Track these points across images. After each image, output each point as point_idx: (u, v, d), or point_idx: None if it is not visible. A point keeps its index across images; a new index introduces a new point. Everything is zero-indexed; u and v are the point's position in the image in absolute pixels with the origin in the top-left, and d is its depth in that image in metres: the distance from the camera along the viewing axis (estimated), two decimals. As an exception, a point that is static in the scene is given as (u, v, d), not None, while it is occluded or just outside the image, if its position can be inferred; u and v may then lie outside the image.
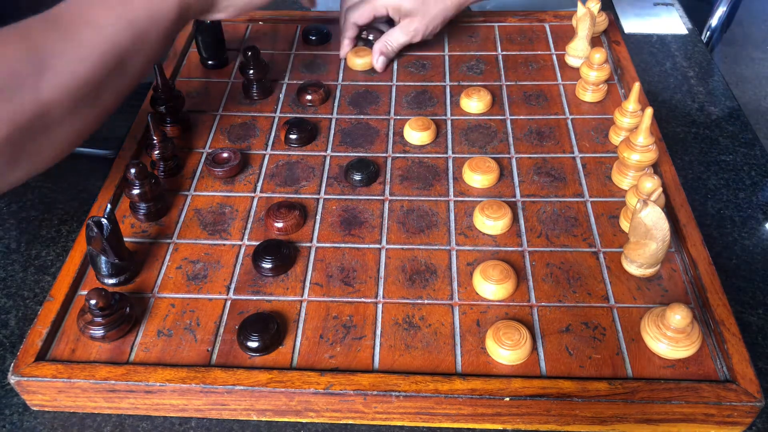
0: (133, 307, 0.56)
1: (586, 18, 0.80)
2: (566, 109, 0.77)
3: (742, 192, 0.72)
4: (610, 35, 0.87)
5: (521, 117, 0.77)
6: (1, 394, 0.56)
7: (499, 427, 0.53)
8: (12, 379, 0.52)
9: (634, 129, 0.66)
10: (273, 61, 0.86)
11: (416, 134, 0.73)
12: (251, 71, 0.78)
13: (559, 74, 0.82)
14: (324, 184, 0.69)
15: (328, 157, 0.72)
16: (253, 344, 0.53)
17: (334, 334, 0.55)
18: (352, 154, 0.72)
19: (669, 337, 0.52)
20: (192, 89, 0.82)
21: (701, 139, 0.79)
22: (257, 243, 0.62)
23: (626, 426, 0.52)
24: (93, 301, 0.52)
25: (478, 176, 0.67)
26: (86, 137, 0.55)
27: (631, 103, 0.70)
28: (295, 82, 0.83)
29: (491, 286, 0.57)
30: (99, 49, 0.51)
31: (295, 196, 0.68)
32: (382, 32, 0.84)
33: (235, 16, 0.68)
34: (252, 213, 0.66)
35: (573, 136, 0.74)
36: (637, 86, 0.69)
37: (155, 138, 0.67)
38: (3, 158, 0.48)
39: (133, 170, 0.62)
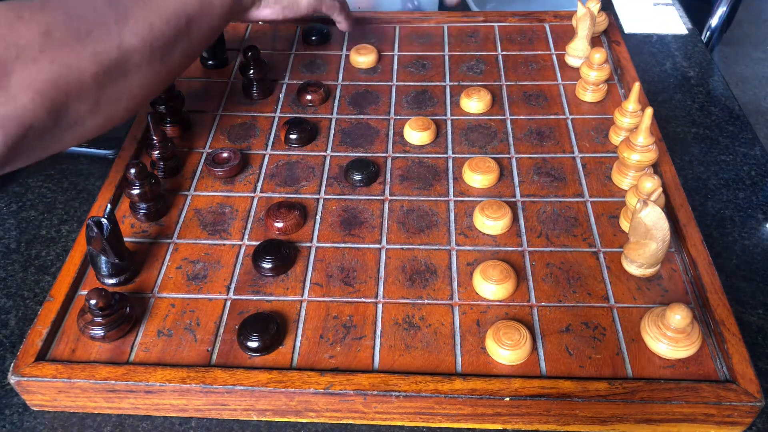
0: (133, 307, 0.56)
1: (586, 18, 0.80)
2: (566, 109, 0.77)
3: (742, 192, 0.72)
4: (610, 35, 0.87)
5: (521, 117, 0.77)
6: (1, 394, 0.56)
7: (499, 427, 0.53)
8: (12, 379, 0.52)
9: (634, 129, 0.66)
10: (273, 61, 0.86)
11: (416, 134, 0.73)
12: (251, 71, 0.78)
13: (559, 74, 0.82)
14: (324, 184, 0.69)
15: (328, 157, 0.72)
16: (253, 344, 0.53)
17: (334, 334, 0.55)
18: (352, 154, 0.72)
19: (669, 337, 0.52)
20: (192, 89, 0.82)
21: (701, 139, 0.79)
22: (257, 243, 0.62)
23: (626, 426, 0.52)
24: (93, 301, 0.52)
25: (478, 176, 0.67)
26: (156, 95, 0.60)
27: (631, 103, 0.70)
28: (295, 82, 0.83)
29: (491, 286, 0.57)
30: (172, 7, 0.56)
31: (295, 196, 0.68)
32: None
33: (279, 17, 0.71)
34: (252, 213, 0.66)
35: (573, 136, 0.74)
36: (637, 86, 0.69)
37: (155, 138, 0.67)
38: (88, 100, 0.50)
39: (133, 170, 0.62)
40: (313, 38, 0.89)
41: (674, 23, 0.98)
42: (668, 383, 0.51)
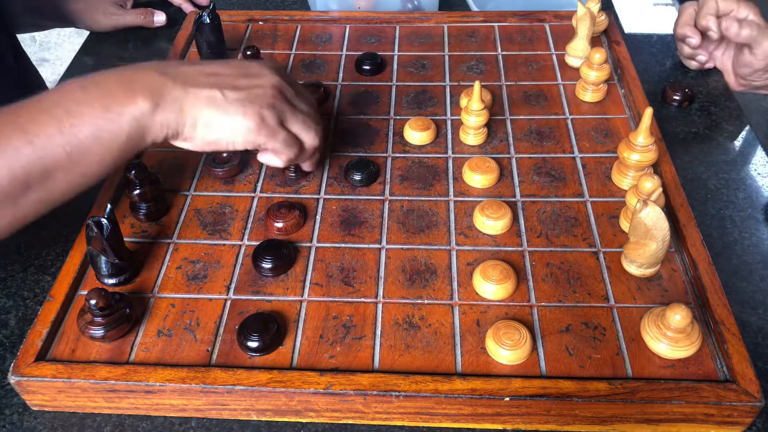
0: (133, 307, 0.56)
1: (586, 18, 0.80)
2: (566, 109, 0.77)
3: (742, 192, 0.72)
4: (610, 35, 0.87)
5: (521, 117, 0.77)
6: (1, 394, 0.56)
7: (499, 427, 0.53)
8: (12, 379, 0.52)
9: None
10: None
11: (416, 134, 0.73)
12: (251, 71, 0.78)
13: (559, 74, 0.82)
14: (324, 184, 0.69)
15: (328, 157, 0.72)
16: (253, 344, 0.53)
17: (334, 334, 0.55)
18: (352, 154, 0.72)
19: (669, 337, 0.52)
20: (192, 89, 0.81)
21: (701, 139, 0.79)
22: (257, 243, 0.62)
23: (626, 426, 0.52)
24: (93, 301, 0.52)
25: (478, 176, 0.67)
26: (3, 236, 0.55)
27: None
28: (295, 82, 0.83)
29: (491, 286, 0.57)
30: (26, 159, 0.51)
31: (295, 196, 0.68)
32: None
33: (202, 149, 0.59)
34: (252, 213, 0.66)
35: (573, 136, 0.74)
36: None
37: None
38: None
39: (133, 171, 0.63)
40: (366, 68, 0.84)
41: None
42: (668, 383, 0.51)
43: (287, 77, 0.62)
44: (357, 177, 0.68)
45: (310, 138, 0.62)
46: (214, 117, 0.56)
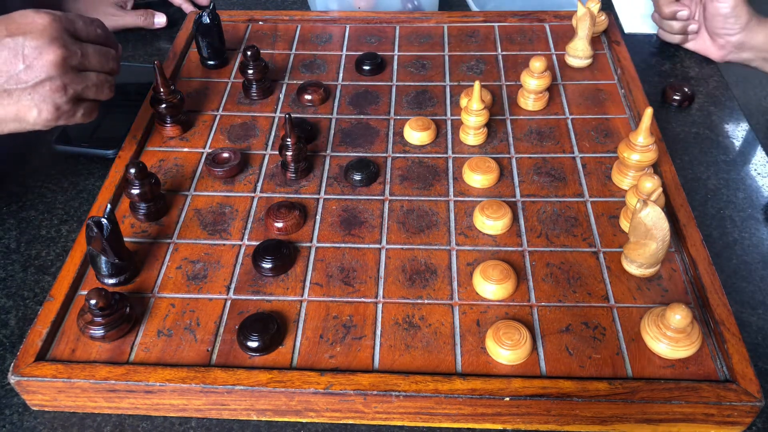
0: (133, 307, 0.56)
1: (586, 18, 0.80)
2: (566, 109, 0.77)
3: (742, 192, 0.72)
4: (610, 35, 0.87)
5: (521, 117, 0.77)
6: (1, 394, 0.56)
7: (499, 427, 0.53)
8: (12, 379, 0.52)
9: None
10: (273, 61, 0.86)
11: (416, 134, 0.73)
12: (251, 71, 0.78)
13: (559, 74, 0.82)
14: (324, 184, 0.69)
15: (328, 157, 0.72)
16: (253, 344, 0.53)
17: (334, 334, 0.55)
18: (352, 154, 0.72)
19: (669, 337, 0.52)
20: (192, 89, 0.82)
21: (701, 139, 0.79)
22: (257, 243, 0.62)
23: (626, 426, 0.52)
24: (93, 301, 0.52)
25: (478, 176, 0.67)
26: None
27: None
28: (295, 82, 0.83)
29: (491, 286, 0.57)
30: None
31: (295, 196, 0.68)
32: None
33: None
34: (252, 213, 0.66)
35: (573, 136, 0.74)
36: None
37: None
38: None
39: (133, 170, 0.62)
40: (366, 68, 0.84)
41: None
42: (668, 383, 0.51)
43: (67, 33, 0.59)
44: (357, 177, 0.68)
45: (104, 95, 0.63)
46: (7, 112, 0.57)
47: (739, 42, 0.86)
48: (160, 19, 0.99)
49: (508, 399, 0.50)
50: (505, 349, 0.52)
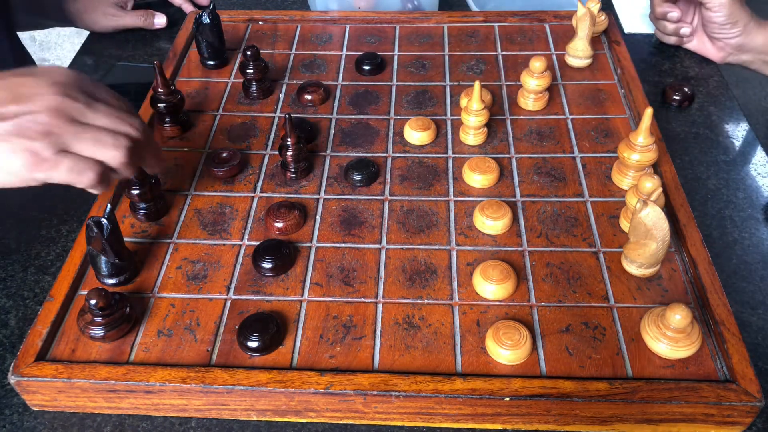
0: (133, 307, 0.56)
1: (586, 18, 0.80)
2: (566, 109, 0.77)
3: (741, 192, 0.72)
4: (610, 35, 0.87)
5: (521, 117, 0.77)
6: (1, 394, 0.56)
7: (499, 427, 0.53)
8: (12, 379, 0.52)
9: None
10: (273, 61, 0.86)
11: (416, 134, 0.73)
12: (251, 71, 0.78)
13: (559, 74, 0.82)
14: (324, 184, 0.69)
15: (328, 157, 0.72)
16: (253, 344, 0.53)
17: (334, 334, 0.55)
18: (352, 154, 0.72)
19: (669, 337, 0.52)
20: (192, 89, 0.82)
21: (701, 139, 0.79)
22: (257, 243, 0.62)
23: (626, 426, 0.52)
24: (93, 301, 0.52)
25: (478, 176, 0.67)
26: None
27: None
28: (295, 82, 0.83)
29: (491, 286, 0.57)
30: None
31: (295, 196, 0.68)
32: None
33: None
34: (252, 213, 0.66)
35: (573, 136, 0.74)
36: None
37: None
38: None
39: (133, 170, 0.62)
40: (366, 68, 0.83)
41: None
42: (668, 383, 0.51)
43: (74, 88, 0.51)
44: (357, 177, 0.68)
45: (108, 155, 0.51)
46: None
47: (738, 44, 0.86)
48: (160, 20, 0.99)
49: (508, 399, 0.50)
50: (505, 349, 0.52)
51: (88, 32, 1.02)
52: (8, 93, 0.49)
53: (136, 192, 0.63)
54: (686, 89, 0.83)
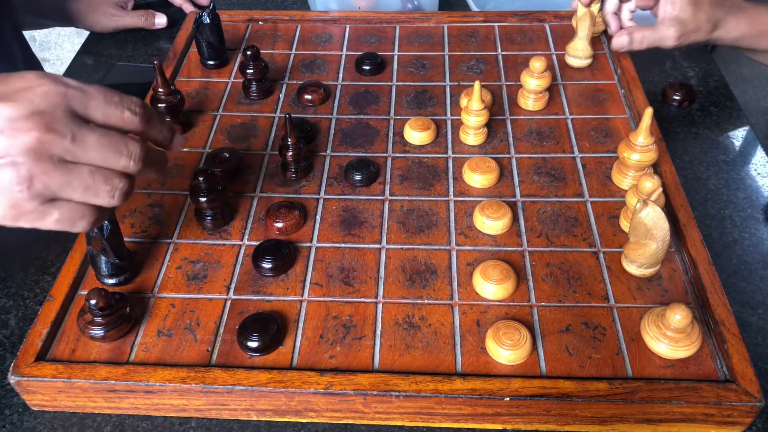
0: (133, 307, 0.56)
1: (586, 18, 0.80)
2: (566, 109, 0.77)
3: (742, 192, 0.72)
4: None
5: (521, 117, 0.77)
6: (1, 394, 0.56)
7: (499, 427, 0.53)
8: (12, 379, 0.52)
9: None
10: (273, 61, 0.86)
11: (416, 134, 0.73)
12: (251, 71, 0.78)
13: (559, 74, 0.82)
14: (324, 184, 0.69)
15: (328, 157, 0.72)
16: (253, 344, 0.53)
17: (334, 334, 0.55)
18: (352, 154, 0.72)
19: (669, 337, 0.52)
20: (192, 89, 0.82)
21: (701, 139, 0.79)
22: (257, 243, 0.62)
23: (626, 426, 0.52)
24: (93, 301, 0.52)
25: (478, 176, 0.67)
26: None
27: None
28: (295, 82, 0.83)
29: (491, 286, 0.57)
30: None
31: (295, 196, 0.68)
32: None
33: None
34: (252, 213, 0.66)
35: (573, 136, 0.74)
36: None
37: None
38: None
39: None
40: (366, 68, 0.83)
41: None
42: (668, 383, 0.51)
43: (58, 116, 0.42)
44: (357, 177, 0.68)
45: (102, 200, 0.44)
46: None
47: (712, 40, 0.79)
48: (160, 20, 0.99)
49: (508, 399, 0.50)
50: (505, 349, 0.52)
51: (88, 32, 1.02)
52: None
53: (203, 200, 0.62)
54: (686, 89, 0.83)
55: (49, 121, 0.41)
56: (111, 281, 0.59)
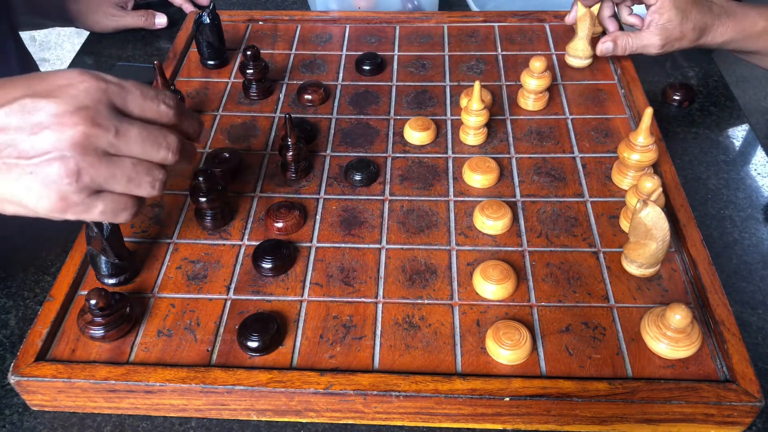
0: (133, 307, 0.56)
1: (585, 18, 0.80)
2: (566, 109, 0.77)
3: (742, 192, 0.72)
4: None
5: (521, 117, 0.77)
6: (1, 394, 0.56)
7: (499, 427, 0.53)
8: (12, 379, 0.52)
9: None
10: (273, 61, 0.86)
11: (416, 134, 0.73)
12: (251, 71, 0.78)
13: (559, 74, 0.82)
14: (324, 184, 0.69)
15: (328, 157, 0.72)
16: (253, 344, 0.53)
17: (334, 334, 0.55)
18: (352, 154, 0.72)
19: (669, 337, 0.52)
20: (192, 89, 0.82)
21: (701, 139, 0.79)
22: (257, 243, 0.62)
23: (626, 426, 0.52)
24: (93, 301, 0.52)
25: (478, 176, 0.67)
26: None
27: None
28: (295, 82, 0.83)
29: (491, 286, 0.57)
30: None
31: (295, 196, 0.68)
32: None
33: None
34: (252, 213, 0.66)
35: (573, 136, 0.74)
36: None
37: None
38: None
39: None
40: (366, 68, 0.83)
41: None
42: (668, 383, 0.51)
43: (101, 111, 0.43)
44: (357, 177, 0.68)
45: (144, 191, 0.46)
46: (4, 191, 0.44)
47: (698, 46, 0.79)
48: (160, 20, 0.99)
49: (508, 399, 0.50)
50: (505, 349, 0.52)
51: (88, 32, 1.02)
52: (23, 120, 0.42)
53: (203, 200, 0.62)
54: (686, 89, 0.83)
55: (94, 116, 0.43)
56: (111, 281, 0.59)
